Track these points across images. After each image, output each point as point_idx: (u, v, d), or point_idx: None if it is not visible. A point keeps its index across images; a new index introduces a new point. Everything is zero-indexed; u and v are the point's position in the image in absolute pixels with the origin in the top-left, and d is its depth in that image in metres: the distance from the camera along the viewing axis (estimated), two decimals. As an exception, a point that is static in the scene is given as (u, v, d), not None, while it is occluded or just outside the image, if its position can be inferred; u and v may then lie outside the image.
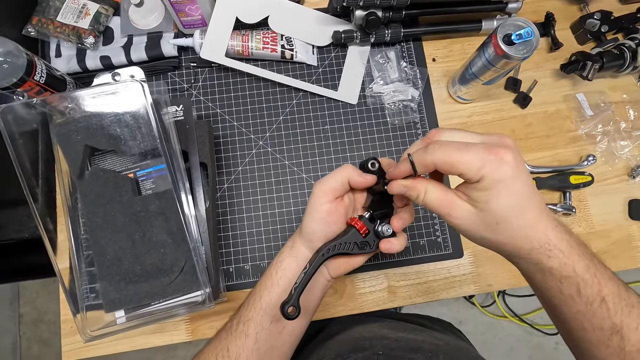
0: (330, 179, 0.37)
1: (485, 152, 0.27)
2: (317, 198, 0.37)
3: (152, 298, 0.46)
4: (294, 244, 0.39)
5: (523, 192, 0.28)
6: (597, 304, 0.28)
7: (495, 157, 0.27)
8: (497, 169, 0.27)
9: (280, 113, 0.61)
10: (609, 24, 0.61)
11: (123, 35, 0.61)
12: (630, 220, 0.59)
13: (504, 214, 0.28)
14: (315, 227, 0.37)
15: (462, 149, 0.28)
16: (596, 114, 0.60)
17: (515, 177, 0.28)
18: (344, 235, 0.37)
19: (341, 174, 0.37)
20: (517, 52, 0.46)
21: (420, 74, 0.61)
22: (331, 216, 0.37)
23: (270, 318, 0.37)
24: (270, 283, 0.38)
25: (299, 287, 0.33)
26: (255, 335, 0.37)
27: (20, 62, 0.44)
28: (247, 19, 0.59)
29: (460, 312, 1.45)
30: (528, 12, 0.64)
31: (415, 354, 0.40)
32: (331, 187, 0.37)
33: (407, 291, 0.57)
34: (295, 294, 0.33)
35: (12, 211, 0.57)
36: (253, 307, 0.38)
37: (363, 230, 0.37)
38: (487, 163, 0.27)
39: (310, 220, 0.37)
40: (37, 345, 1.38)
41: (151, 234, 0.45)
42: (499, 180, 0.27)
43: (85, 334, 0.42)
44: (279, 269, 0.39)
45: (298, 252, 0.39)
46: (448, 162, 0.28)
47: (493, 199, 0.28)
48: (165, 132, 0.44)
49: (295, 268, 0.39)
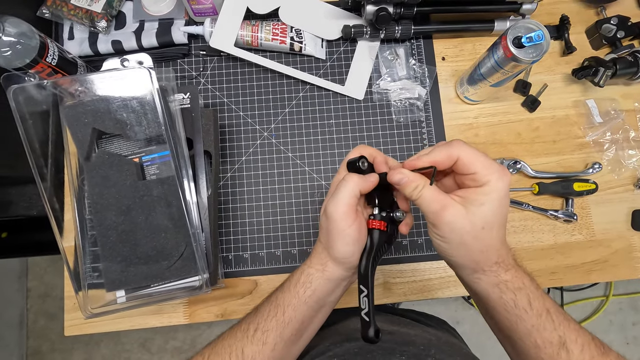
0: (343, 196, 0.35)
1: (496, 164, 0.32)
2: (341, 222, 0.35)
3: (152, 280, 0.47)
4: (326, 267, 0.37)
5: (505, 210, 0.32)
6: (544, 316, 0.32)
7: (502, 170, 0.32)
8: (500, 178, 0.31)
9: (286, 105, 0.61)
10: (626, 30, 0.60)
11: (135, 21, 0.61)
12: (633, 231, 0.58)
13: (491, 220, 0.31)
14: (352, 250, 0.35)
15: (481, 153, 0.33)
16: (605, 122, 0.59)
17: (506, 194, 0.32)
18: (374, 242, 0.36)
19: (351, 188, 0.35)
20: (527, 55, 0.46)
21: (428, 72, 0.61)
22: (361, 233, 0.36)
23: (292, 331, 0.37)
24: (296, 301, 0.37)
25: (370, 312, 0.33)
26: (274, 345, 0.36)
27: (33, 43, 0.45)
28: (257, 9, 0.59)
29: (458, 312, 1.45)
30: (543, 13, 0.63)
31: (408, 347, 0.41)
32: (349, 205, 0.35)
33: (403, 288, 0.57)
34: (372, 319, 0.33)
35: (22, 189, 0.59)
36: (275, 320, 0.37)
37: (384, 226, 0.37)
38: (496, 171, 0.31)
39: (344, 246, 0.35)
40: (44, 319, 1.42)
41: (153, 218, 0.46)
42: (498, 189, 0.31)
43: (86, 310, 0.43)
44: (308, 288, 0.37)
45: (332, 275, 0.37)
46: (470, 158, 0.32)
47: (488, 203, 0.31)
48: (171, 119, 0.45)
49: (328, 288, 0.37)
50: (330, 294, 0.37)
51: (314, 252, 0.38)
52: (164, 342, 1.42)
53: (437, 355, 0.40)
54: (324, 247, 0.37)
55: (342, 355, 0.40)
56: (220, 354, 0.36)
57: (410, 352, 0.40)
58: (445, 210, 0.31)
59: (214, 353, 0.36)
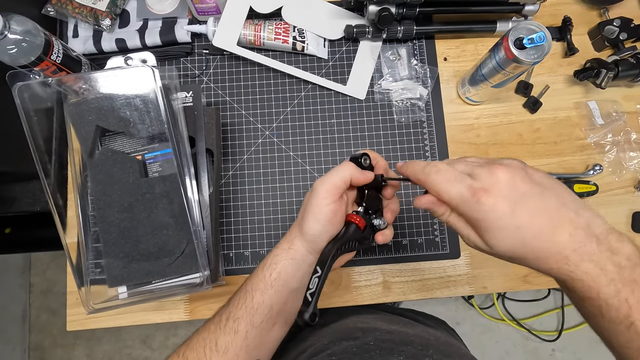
0: (333, 177, 0.36)
1: (465, 192, 0.29)
2: (321, 199, 0.36)
3: (153, 277, 0.48)
4: (292, 245, 0.38)
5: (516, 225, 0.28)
6: (623, 326, 0.26)
7: (472, 198, 0.29)
8: (474, 210, 0.29)
9: (288, 104, 0.61)
10: (629, 32, 0.60)
11: (139, 19, 0.62)
12: (633, 233, 0.58)
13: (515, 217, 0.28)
14: (321, 229, 0.36)
15: (449, 182, 0.30)
16: (607, 123, 0.59)
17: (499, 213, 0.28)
18: (346, 233, 0.37)
19: (343, 172, 0.36)
20: (528, 56, 0.46)
21: (430, 73, 0.61)
22: (336, 216, 0.36)
23: (262, 317, 0.37)
24: (263, 285, 0.37)
25: (316, 293, 0.33)
26: (245, 333, 0.36)
27: (38, 41, 0.46)
28: (261, 8, 0.59)
29: (458, 312, 1.46)
30: (546, 15, 0.63)
31: (406, 346, 0.41)
32: (335, 186, 0.36)
33: (402, 287, 0.57)
34: (314, 301, 0.32)
35: (26, 185, 0.60)
36: (244, 306, 0.37)
37: (362, 224, 0.37)
38: (465, 203, 0.29)
39: (315, 222, 0.36)
40: (46, 314, 1.43)
41: (155, 216, 0.47)
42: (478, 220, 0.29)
43: (88, 306, 0.44)
44: (274, 270, 0.38)
45: (297, 253, 0.38)
46: (436, 190, 0.31)
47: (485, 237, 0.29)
48: (173, 117, 0.45)
49: (292, 270, 0.38)
50: (294, 277, 0.38)
51: (286, 233, 0.40)
52: (164, 339, 1.43)
53: (435, 355, 0.40)
54: (297, 223, 0.38)
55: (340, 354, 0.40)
56: (194, 349, 0.36)
57: (408, 352, 0.40)
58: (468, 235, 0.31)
59: (189, 349, 0.36)
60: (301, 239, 0.38)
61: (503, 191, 0.28)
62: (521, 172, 0.29)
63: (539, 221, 0.28)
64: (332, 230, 0.37)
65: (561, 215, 0.28)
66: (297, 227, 0.39)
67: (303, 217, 0.37)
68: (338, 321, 0.53)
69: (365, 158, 0.38)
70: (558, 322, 1.39)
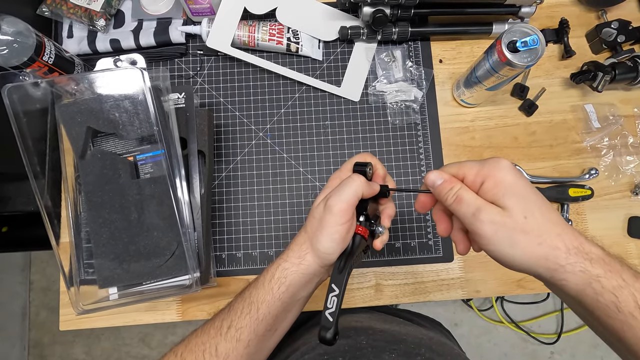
0: (347, 194, 0.35)
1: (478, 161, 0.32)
2: (337, 217, 0.35)
3: (144, 278, 0.48)
4: (303, 260, 0.37)
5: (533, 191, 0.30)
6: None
7: (489, 161, 0.31)
8: (495, 168, 0.30)
9: (282, 106, 0.61)
10: (626, 34, 0.59)
11: (133, 20, 0.62)
12: (629, 238, 0.58)
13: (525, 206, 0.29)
14: (335, 247, 0.35)
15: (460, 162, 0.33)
16: (603, 127, 0.59)
17: (518, 176, 0.30)
18: (354, 246, 0.36)
19: (356, 188, 0.35)
20: (521, 59, 0.46)
21: (425, 75, 0.61)
22: (349, 233, 0.36)
23: (265, 327, 0.37)
24: (270, 297, 0.37)
25: (336, 313, 0.32)
26: (248, 342, 0.36)
27: (30, 42, 0.46)
28: (255, 9, 0.59)
29: (456, 314, 1.45)
30: (543, 16, 0.63)
31: (398, 345, 0.41)
32: (350, 204, 0.35)
33: (394, 290, 0.57)
34: (335, 321, 0.32)
35: (21, 185, 0.60)
36: (248, 316, 0.37)
37: (366, 234, 0.37)
38: (485, 165, 0.31)
39: (330, 242, 0.35)
40: (45, 312, 1.44)
41: (146, 217, 0.47)
42: (503, 175, 0.30)
43: (77, 307, 0.44)
44: (282, 284, 0.37)
45: (308, 268, 0.37)
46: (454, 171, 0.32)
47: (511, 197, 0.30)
48: (164, 118, 0.45)
49: (303, 283, 0.37)
50: (303, 289, 0.38)
51: (292, 245, 0.38)
52: (163, 337, 1.44)
53: (427, 354, 0.40)
54: (308, 237, 0.37)
55: (333, 353, 0.40)
56: (193, 352, 0.36)
57: (400, 350, 0.40)
58: (481, 212, 0.30)
59: (187, 351, 0.36)
60: (313, 255, 0.37)
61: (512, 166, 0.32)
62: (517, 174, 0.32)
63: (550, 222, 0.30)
64: (344, 245, 0.36)
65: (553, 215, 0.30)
66: (308, 242, 0.37)
67: (316, 234, 0.36)
68: None
69: (370, 168, 0.37)
70: (557, 325, 1.38)
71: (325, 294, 0.34)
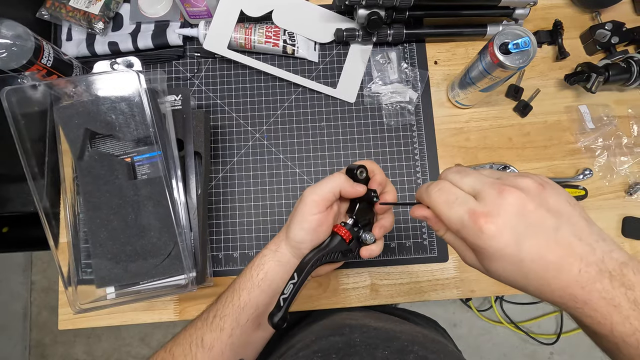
0: (322, 187, 0.36)
1: (466, 216, 0.27)
2: (308, 207, 0.36)
3: (141, 277, 0.48)
4: (279, 248, 0.39)
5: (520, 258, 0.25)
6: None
7: (474, 225, 0.26)
8: (475, 237, 0.26)
9: (279, 107, 0.62)
10: (620, 36, 0.59)
11: (132, 22, 0.63)
12: (623, 238, 0.58)
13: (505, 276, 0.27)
14: (305, 237, 0.37)
15: (449, 204, 0.28)
16: (598, 128, 0.59)
17: (501, 243, 0.26)
18: (330, 244, 0.37)
19: (333, 183, 0.36)
20: (513, 61, 0.46)
21: (420, 76, 0.61)
22: (321, 226, 0.37)
23: (247, 316, 0.38)
24: (250, 284, 0.38)
25: (289, 298, 0.33)
26: (231, 331, 0.37)
27: (28, 45, 0.46)
28: (251, 12, 0.60)
29: (455, 314, 1.45)
30: (537, 18, 0.63)
31: (392, 342, 0.42)
32: (324, 197, 0.36)
33: (390, 290, 0.58)
34: (285, 306, 0.33)
35: (20, 186, 0.61)
36: (231, 304, 0.38)
37: (347, 237, 0.37)
38: (465, 228, 0.27)
39: (300, 230, 0.37)
40: (46, 312, 1.45)
41: (143, 217, 0.48)
42: (478, 246, 0.27)
43: (75, 306, 0.45)
44: (261, 271, 0.39)
45: (283, 256, 0.39)
46: (436, 212, 0.29)
47: (484, 263, 0.28)
48: (160, 120, 0.46)
49: (278, 272, 0.39)
50: (279, 277, 0.39)
51: (276, 235, 0.41)
52: (163, 337, 1.44)
53: (420, 351, 0.40)
54: (286, 226, 0.39)
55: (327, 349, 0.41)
56: (181, 345, 0.37)
57: (393, 347, 0.40)
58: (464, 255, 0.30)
59: (175, 345, 0.38)
60: (286, 243, 0.39)
61: (509, 219, 0.25)
62: (535, 198, 0.26)
63: (546, 256, 0.25)
64: (316, 239, 0.37)
65: (572, 251, 0.25)
66: (284, 231, 0.40)
67: (290, 223, 0.38)
68: (327, 317, 0.53)
69: (362, 171, 0.38)
70: (557, 326, 1.38)
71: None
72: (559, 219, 0.25)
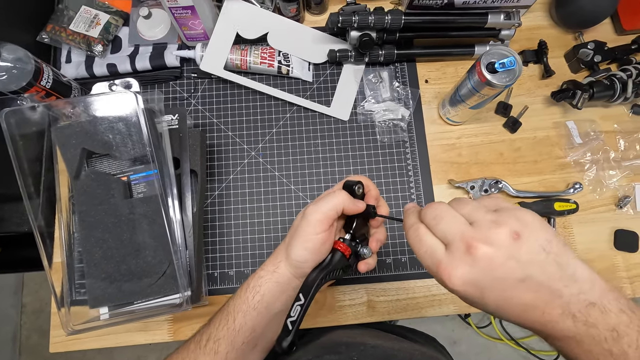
0: (326, 206, 0.35)
1: (433, 266, 0.27)
2: (312, 227, 0.35)
3: (135, 297, 0.48)
4: (277, 268, 0.38)
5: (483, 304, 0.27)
6: None
7: (441, 274, 0.27)
8: (442, 283, 0.27)
9: (274, 125, 0.63)
10: (602, 54, 0.62)
11: (130, 45, 0.64)
12: (615, 250, 0.58)
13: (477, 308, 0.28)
14: (308, 257, 0.36)
15: (420, 242, 0.29)
16: (585, 142, 0.61)
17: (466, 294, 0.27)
18: (332, 261, 0.37)
19: (336, 201, 0.36)
20: (500, 80, 0.48)
21: (412, 95, 0.63)
22: (324, 244, 0.36)
23: (243, 339, 0.37)
24: (246, 307, 0.37)
25: (297, 321, 0.32)
26: (226, 354, 0.36)
27: (29, 68, 0.48)
28: (247, 34, 0.62)
29: (455, 331, 1.43)
30: (522, 39, 0.66)
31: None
32: (327, 216, 0.35)
33: (387, 307, 0.57)
34: (294, 329, 0.32)
35: (15, 205, 0.61)
36: (225, 327, 0.37)
37: (348, 253, 0.37)
38: (433, 273, 0.28)
39: (303, 250, 0.36)
40: (36, 335, 1.41)
41: (138, 236, 0.48)
42: (452, 290, 0.27)
43: (67, 327, 0.44)
44: (257, 293, 0.37)
45: (281, 277, 0.38)
46: (413, 247, 0.30)
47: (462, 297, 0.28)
48: (157, 139, 0.47)
49: (276, 293, 0.38)
50: (278, 299, 0.38)
51: (272, 254, 0.40)
52: (156, 360, 1.41)
53: None
54: (285, 245, 0.38)
55: None
56: None
57: None
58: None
59: None
60: (287, 264, 0.38)
61: (474, 275, 0.26)
62: (505, 251, 0.26)
63: (509, 305, 0.26)
64: (319, 258, 0.37)
65: (537, 297, 0.25)
66: (283, 250, 0.38)
67: (291, 242, 0.37)
68: (325, 335, 0.53)
69: (359, 187, 0.38)
70: (557, 342, 1.36)
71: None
72: (527, 269, 0.25)
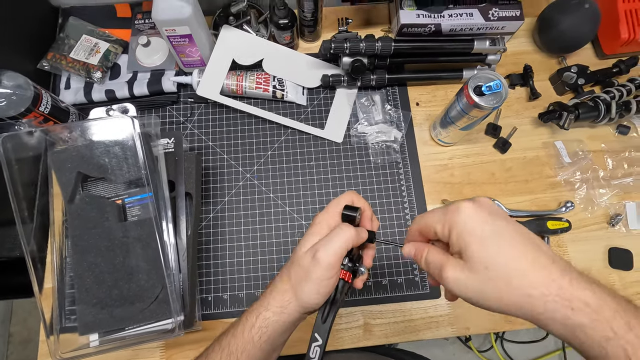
0: (339, 246, 0.35)
1: (443, 210, 0.31)
2: (326, 271, 0.34)
3: (127, 323, 0.47)
4: (285, 309, 0.36)
5: (499, 234, 0.28)
6: None
7: (451, 209, 0.30)
8: (456, 216, 0.30)
9: (269, 148, 0.64)
10: (585, 77, 0.64)
11: (129, 71, 0.66)
12: (611, 269, 0.58)
13: (487, 256, 0.28)
14: (321, 299, 0.35)
15: (428, 213, 0.33)
16: (574, 162, 0.62)
17: (479, 220, 0.29)
18: (338, 292, 0.36)
19: (345, 238, 0.35)
20: (488, 102, 0.49)
21: (403, 117, 0.64)
22: (335, 283, 0.36)
23: None
24: (251, 347, 0.36)
25: None
26: None
27: (28, 94, 0.49)
28: (243, 61, 0.64)
29: (456, 355, 1.40)
30: (508, 63, 0.68)
31: None
32: (340, 257, 0.35)
33: (384, 330, 0.56)
34: None
35: (7, 230, 0.60)
36: None
37: (349, 278, 0.37)
38: (447, 214, 0.30)
39: (317, 295, 0.35)
40: (23, 367, 1.36)
41: (131, 260, 0.47)
42: (463, 224, 0.29)
43: (56, 355, 0.43)
44: (264, 333, 0.36)
45: (290, 317, 0.36)
46: (423, 225, 0.32)
47: (470, 246, 0.28)
48: (152, 163, 0.47)
49: (284, 331, 0.37)
50: (282, 336, 0.37)
51: (273, 291, 0.37)
52: (148, 392, 1.35)
53: None
54: (292, 286, 0.36)
55: None
56: None
57: None
58: (444, 270, 0.30)
59: None
60: (297, 305, 0.36)
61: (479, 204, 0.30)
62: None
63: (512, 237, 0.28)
64: (328, 295, 0.36)
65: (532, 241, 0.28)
66: (291, 291, 0.36)
67: (302, 285, 0.35)
68: None
69: (360, 213, 0.38)
70: (560, 365, 1.33)
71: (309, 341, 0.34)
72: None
